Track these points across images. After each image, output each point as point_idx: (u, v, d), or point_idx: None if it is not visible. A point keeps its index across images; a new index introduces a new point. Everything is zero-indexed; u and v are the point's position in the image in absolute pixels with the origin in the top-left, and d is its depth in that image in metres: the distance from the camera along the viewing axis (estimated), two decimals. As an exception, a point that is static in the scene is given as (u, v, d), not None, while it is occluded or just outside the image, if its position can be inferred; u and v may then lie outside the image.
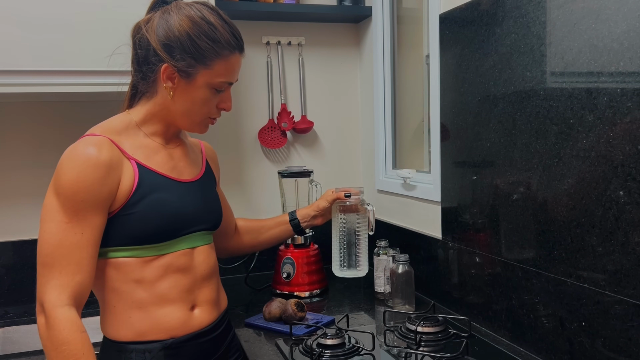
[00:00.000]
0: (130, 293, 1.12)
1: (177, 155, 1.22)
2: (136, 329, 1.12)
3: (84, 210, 1.04)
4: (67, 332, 1.00)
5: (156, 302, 1.13)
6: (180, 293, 1.16)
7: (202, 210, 1.22)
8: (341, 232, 1.54)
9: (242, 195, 2.10)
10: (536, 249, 1.22)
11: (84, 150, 1.06)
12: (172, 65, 1.11)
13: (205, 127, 1.22)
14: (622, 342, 1.02)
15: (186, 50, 1.11)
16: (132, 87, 1.21)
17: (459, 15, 1.46)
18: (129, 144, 1.13)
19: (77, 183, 1.04)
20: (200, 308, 1.20)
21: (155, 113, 1.18)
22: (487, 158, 1.37)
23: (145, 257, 1.12)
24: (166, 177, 1.16)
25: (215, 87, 1.16)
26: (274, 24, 2.09)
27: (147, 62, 1.14)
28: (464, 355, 1.23)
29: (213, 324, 1.22)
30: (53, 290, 1.02)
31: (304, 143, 2.17)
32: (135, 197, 1.10)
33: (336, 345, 1.26)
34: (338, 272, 1.57)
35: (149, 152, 1.16)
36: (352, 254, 1.54)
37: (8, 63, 1.52)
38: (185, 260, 1.17)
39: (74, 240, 1.04)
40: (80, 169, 1.04)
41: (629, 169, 0.98)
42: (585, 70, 1.07)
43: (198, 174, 1.26)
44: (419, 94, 1.89)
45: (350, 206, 1.56)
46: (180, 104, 1.15)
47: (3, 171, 1.84)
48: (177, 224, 1.15)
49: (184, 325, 1.16)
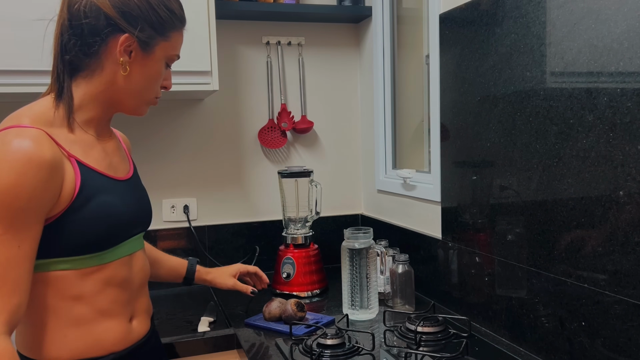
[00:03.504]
0: (66, 310, 0.98)
1: (110, 150, 1.08)
2: (72, 348, 0.99)
3: (22, 220, 0.88)
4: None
5: (95, 318, 1.01)
6: (121, 306, 1.05)
7: (138, 211, 1.11)
8: (352, 275, 1.53)
9: (242, 195, 2.10)
10: (536, 249, 1.22)
11: (19, 146, 0.88)
12: (133, 36, 0.99)
13: (147, 107, 1.10)
14: (622, 342, 1.02)
15: (147, 20, 1.00)
16: (61, 66, 1.02)
17: (459, 15, 1.46)
18: (64, 139, 0.98)
19: (15, 187, 0.87)
20: (138, 318, 1.11)
21: (96, 94, 1.02)
22: (487, 158, 1.37)
23: (84, 269, 0.99)
24: (107, 177, 1.03)
25: (168, 60, 1.07)
26: (274, 24, 2.09)
27: (95, 33, 0.98)
28: (464, 355, 1.23)
29: (148, 333, 1.14)
30: None
31: (304, 143, 2.17)
32: (78, 202, 0.95)
33: (336, 345, 1.26)
34: (350, 314, 1.53)
35: (85, 147, 1.01)
36: (363, 296, 1.53)
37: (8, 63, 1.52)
38: (125, 270, 1.06)
39: (9, 255, 0.87)
40: (21, 171, 0.87)
41: (629, 169, 0.98)
42: (585, 70, 1.07)
43: (130, 170, 1.14)
44: (419, 94, 1.89)
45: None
46: (135, 80, 1.03)
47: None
48: (120, 229, 1.04)
49: (124, 338, 1.06)
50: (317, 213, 1.90)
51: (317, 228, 2.02)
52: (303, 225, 1.89)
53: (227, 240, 2.06)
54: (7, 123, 0.95)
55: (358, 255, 1.52)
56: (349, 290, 1.54)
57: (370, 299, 1.53)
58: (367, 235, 1.53)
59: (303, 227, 1.89)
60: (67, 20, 1.00)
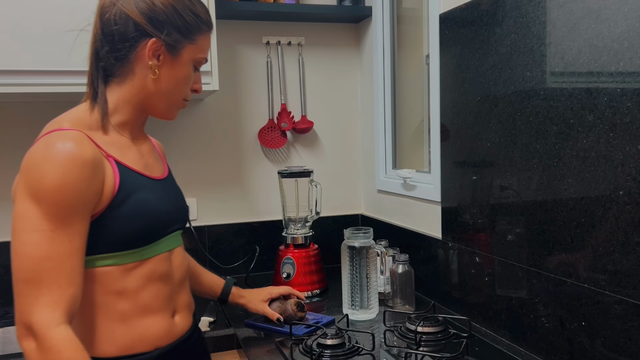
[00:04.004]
0: (112, 306, 1.03)
1: (145, 152, 1.14)
2: (120, 343, 1.04)
3: (71, 216, 0.94)
4: (69, 352, 0.91)
5: (139, 313, 1.06)
6: (163, 301, 1.10)
7: (175, 209, 1.16)
8: (352, 274, 1.53)
9: (242, 195, 2.10)
10: (536, 249, 1.22)
11: (63, 147, 0.94)
12: (160, 40, 1.04)
13: (177, 111, 1.15)
14: (622, 342, 1.02)
15: (173, 24, 1.05)
16: (96, 73, 1.08)
17: (459, 15, 1.46)
18: (102, 140, 1.04)
19: (63, 185, 0.93)
20: (180, 314, 1.15)
21: (129, 99, 1.08)
22: (487, 158, 1.37)
23: (127, 265, 1.04)
24: (143, 176, 1.09)
25: (196, 63, 1.11)
26: (274, 24, 2.09)
27: (124, 39, 1.04)
28: (464, 355, 1.23)
29: (191, 329, 1.18)
30: (44, 308, 0.91)
31: (304, 143, 2.17)
32: (118, 199, 1.01)
33: (336, 345, 1.26)
34: (350, 314, 1.53)
35: (122, 148, 1.08)
36: (363, 296, 1.53)
37: (8, 63, 1.52)
38: (165, 266, 1.11)
39: (62, 250, 0.93)
40: (66, 169, 0.93)
41: (629, 169, 0.98)
42: (585, 70, 1.07)
43: (165, 171, 1.20)
44: (419, 94, 1.89)
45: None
46: (164, 83, 1.08)
47: (2, 171, 1.84)
48: (159, 225, 1.09)
49: (168, 334, 1.10)
50: (317, 213, 1.90)
51: (317, 228, 2.02)
52: (303, 225, 1.89)
53: (227, 240, 2.06)
54: (49, 128, 1.02)
55: (358, 255, 1.52)
56: (349, 290, 1.54)
57: (370, 299, 1.53)
58: (367, 235, 1.53)
59: (303, 227, 1.89)
60: (99, 29, 1.06)
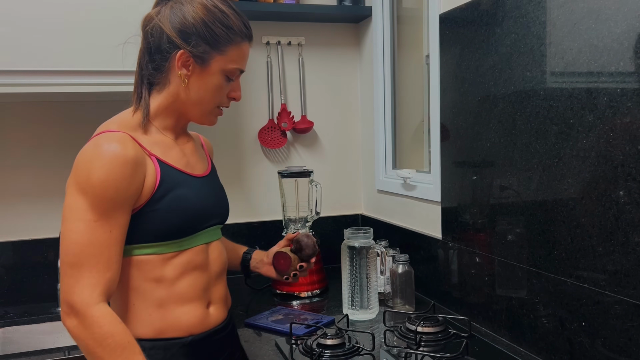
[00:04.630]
0: (150, 291, 1.13)
1: (188, 151, 1.23)
2: (156, 327, 1.13)
3: (112, 209, 1.04)
4: (109, 325, 1.01)
5: (175, 300, 1.14)
6: (198, 291, 1.17)
7: (214, 205, 1.24)
8: (352, 275, 1.53)
9: (242, 195, 2.10)
10: (536, 249, 1.22)
11: (109, 147, 1.05)
12: (187, 51, 1.12)
13: (215, 117, 1.23)
14: (622, 342, 1.02)
15: (201, 36, 1.12)
16: (140, 81, 1.19)
17: (459, 15, 1.46)
18: (145, 140, 1.14)
19: (106, 181, 1.03)
20: (215, 306, 1.22)
21: (167, 105, 1.18)
22: (487, 158, 1.37)
23: (166, 254, 1.13)
24: (184, 173, 1.18)
25: (228, 73, 1.17)
26: (274, 24, 2.09)
27: (159, 51, 1.14)
28: (464, 355, 1.23)
29: (225, 321, 1.25)
30: (85, 289, 1.01)
31: (304, 143, 2.17)
32: (158, 194, 1.11)
33: (336, 345, 1.26)
34: (350, 314, 1.53)
35: (165, 148, 1.17)
36: (363, 296, 1.53)
37: (8, 63, 1.52)
38: (202, 257, 1.18)
39: (102, 238, 1.04)
40: (110, 167, 1.04)
41: (629, 169, 0.98)
42: (585, 70, 1.07)
43: (207, 169, 1.28)
44: (419, 94, 1.89)
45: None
46: (194, 92, 1.16)
47: (3, 171, 1.84)
48: (196, 219, 1.17)
49: (201, 323, 1.18)
50: (317, 213, 1.90)
51: (317, 228, 2.02)
52: (303, 225, 1.89)
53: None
54: (100, 129, 1.13)
55: (358, 255, 1.52)
56: (349, 291, 1.54)
57: (370, 299, 1.53)
58: (367, 235, 1.53)
59: (303, 227, 1.89)
60: (142, 41, 1.18)
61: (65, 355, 1.40)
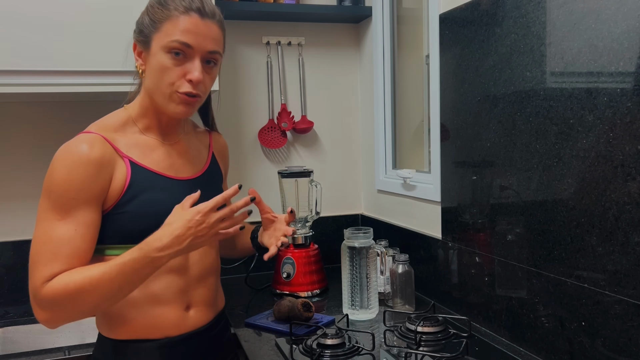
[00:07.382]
0: None
1: (175, 152, 1.21)
2: (131, 327, 1.13)
3: (75, 208, 1.04)
4: (58, 283, 1.01)
5: (149, 302, 1.13)
6: (174, 293, 1.15)
7: None
8: (352, 275, 1.53)
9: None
10: (536, 249, 1.22)
11: (75, 148, 1.06)
12: (135, 41, 1.15)
13: (179, 105, 1.12)
14: (622, 342, 1.02)
15: (144, 24, 1.13)
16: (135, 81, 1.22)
17: (459, 15, 1.46)
18: (124, 142, 1.13)
19: (67, 181, 1.04)
20: (196, 308, 1.20)
21: (145, 104, 1.17)
22: (487, 158, 1.37)
23: None
24: (161, 176, 1.15)
25: (169, 49, 1.09)
26: (274, 24, 2.09)
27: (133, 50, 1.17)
28: (464, 355, 1.23)
29: (209, 324, 1.22)
30: (37, 281, 1.02)
31: (304, 143, 2.17)
32: (126, 196, 1.10)
33: (336, 345, 1.26)
34: (350, 314, 1.53)
35: (146, 149, 1.15)
36: (363, 296, 1.53)
37: (8, 63, 1.52)
38: (178, 260, 1.14)
39: (66, 236, 1.03)
40: (71, 167, 1.04)
41: (629, 169, 0.98)
42: (585, 70, 1.07)
43: (199, 171, 1.24)
44: (419, 94, 1.89)
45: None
46: (148, 79, 1.13)
47: (3, 171, 1.84)
48: None
49: (178, 325, 1.16)
50: (317, 213, 1.90)
51: (317, 228, 2.02)
52: (303, 225, 1.89)
53: (227, 240, 2.05)
54: (84, 130, 1.12)
55: (358, 255, 1.52)
56: (349, 290, 1.54)
57: (370, 299, 1.53)
58: (367, 235, 1.53)
59: (303, 227, 1.89)
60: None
61: (65, 355, 1.40)
